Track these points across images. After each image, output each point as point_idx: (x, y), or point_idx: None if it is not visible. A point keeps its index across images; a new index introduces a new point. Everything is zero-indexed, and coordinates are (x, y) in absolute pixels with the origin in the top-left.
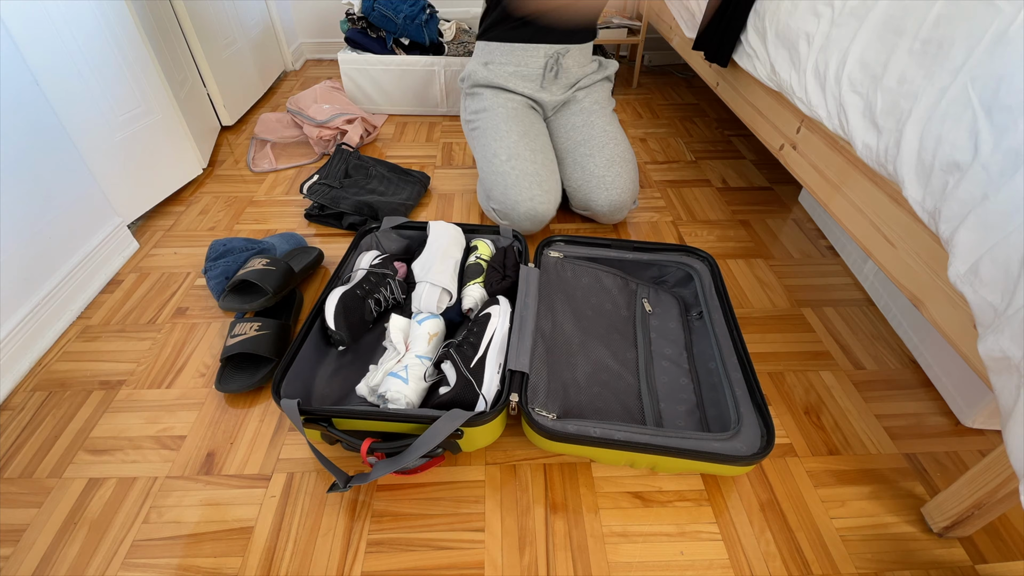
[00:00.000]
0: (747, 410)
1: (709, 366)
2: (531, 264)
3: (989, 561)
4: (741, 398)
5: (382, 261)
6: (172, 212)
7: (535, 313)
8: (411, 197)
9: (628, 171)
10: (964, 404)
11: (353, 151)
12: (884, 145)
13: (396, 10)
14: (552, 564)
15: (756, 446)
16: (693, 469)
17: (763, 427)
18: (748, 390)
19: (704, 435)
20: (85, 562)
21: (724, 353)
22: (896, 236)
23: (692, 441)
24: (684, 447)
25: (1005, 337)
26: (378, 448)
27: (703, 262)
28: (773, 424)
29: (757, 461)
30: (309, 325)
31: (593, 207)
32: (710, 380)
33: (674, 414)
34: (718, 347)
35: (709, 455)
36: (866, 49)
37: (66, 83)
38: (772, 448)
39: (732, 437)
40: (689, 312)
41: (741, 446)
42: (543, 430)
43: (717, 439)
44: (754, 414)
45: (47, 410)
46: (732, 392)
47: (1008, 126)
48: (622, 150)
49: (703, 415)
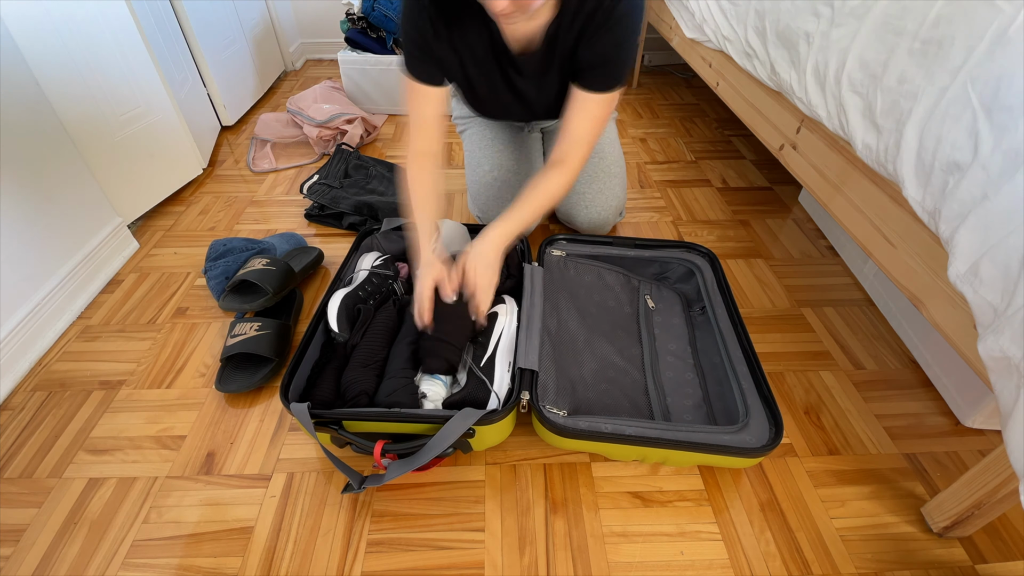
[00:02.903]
0: (754, 402)
1: (714, 360)
2: (534, 263)
3: (989, 561)
4: (748, 391)
5: (384, 262)
6: (172, 212)
7: (542, 311)
8: None
9: (611, 186)
10: (964, 404)
11: (353, 151)
12: (884, 145)
13: (396, 10)
14: (552, 564)
15: (765, 438)
16: (703, 462)
17: (771, 419)
18: (754, 383)
19: (713, 428)
20: (85, 562)
21: (729, 347)
22: (896, 236)
23: (702, 435)
24: (695, 440)
25: (1005, 337)
26: (391, 449)
27: (704, 258)
28: (781, 415)
29: (766, 452)
30: (313, 328)
31: (575, 223)
32: (715, 374)
33: (681, 408)
34: (723, 341)
35: (720, 447)
36: (866, 49)
37: (66, 83)
38: (781, 439)
39: (741, 430)
40: (692, 307)
41: (750, 438)
42: (555, 427)
43: (727, 432)
44: (761, 406)
45: (47, 410)
46: (739, 385)
47: (1008, 126)
48: (608, 163)
49: (710, 409)
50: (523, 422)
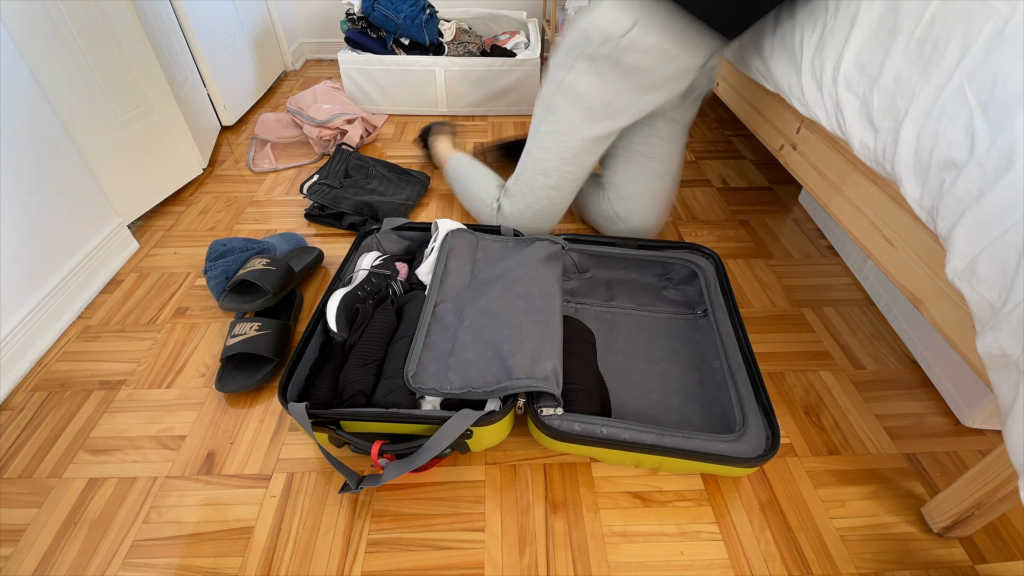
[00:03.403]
0: (752, 411)
1: (713, 365)
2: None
3: (989, 561)
4: (746, 399)
5: (383, 262)
6: (172, 212)
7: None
8: (411, 197)
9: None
10: (964, 404)
11: (353, 151)
12: (881, 144)
13: (396, 10)
14: (552, 564)
15: (761, 448)
16: (698, 470)
17: (768, 428)
18: (753, 391)
19: (710, 436)
20: (85, 562)
21: (729, 352)
22: (896, 236)
23: (698, 442)
24: (690, 448)
25: (1003, 334)
26: (388, 450)
27: (708, 259)
28: (779, 426)
29: (761, 463)
30: (312, 327)
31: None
32: (714, 379)
33: (679, 413)
34: (723, 346)
35: (714, 456)
36: (862, 49)
37: (66, 83)
38: (777, 450)
39: (737, 439)
40: (694, 310)
41: (746, 447)
42: (550, 430)
43: (723, 440)
44: (759, 415)
45: (47, 410)
46: (737, 392)
47: (1004, 123)
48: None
49: (708, 415)
50: (523, 422)
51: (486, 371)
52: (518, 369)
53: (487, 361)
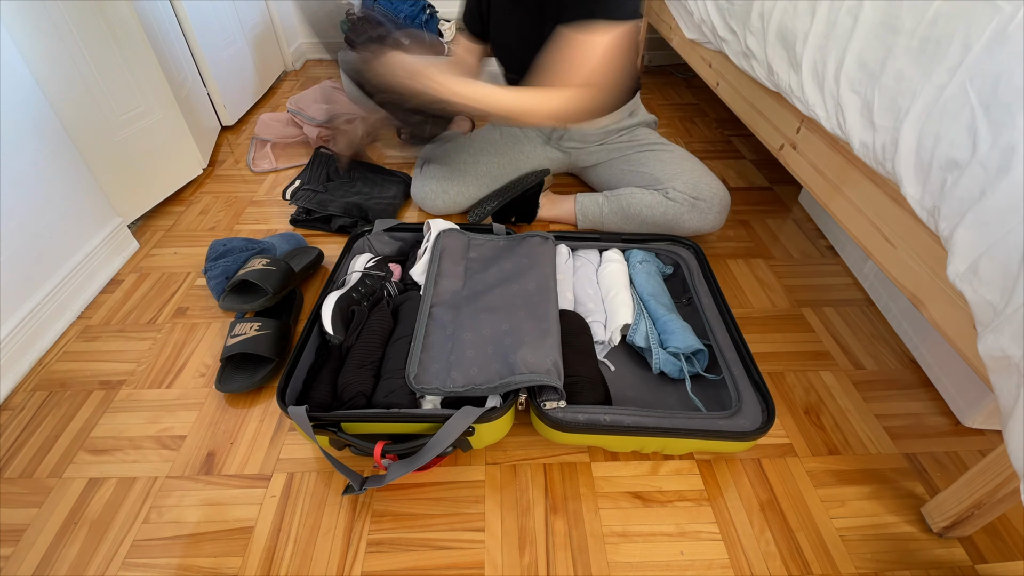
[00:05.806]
0: (745, 387)
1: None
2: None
3: (989, 561)
4: (739, 376)
5: (376, 264)
6: (172, 212)
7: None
8: (397, 196)
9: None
10: (964, 404)
11: (332, 154)
12: (882, 143)
13: (396, 10)
14: (552, 564)
15: (758, 421)
16: (700, 448)
17: (762, 402)
18: (744, 368)
19: (708, 414)
20: (85, 562)
21: (717, 335)
22: (896, 236)
23: (698, 421)
24: (691, 427)
25: (1005, 336)
26: (390, 450)
27: (689, 250)
28: (772, 398)
29: (761, 435)
30: (308, 331)
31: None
32: None
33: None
34: (710, 329)
35: (716, 433)
36: (864, 48)
37: (66, 83)
38: (774, 421)
39: (734, 415)
40: (678, 299)
41: (744, 422)
42: (554, 422)
43: (721, 417)
44: (752, 391)
45: (47, 410)
46: (729, 372)
47: (1006, 123)
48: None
49: (703, 395)
50: (522, 422)
51: (488, 367)
52: (520, 364)
53: (488, 357)
